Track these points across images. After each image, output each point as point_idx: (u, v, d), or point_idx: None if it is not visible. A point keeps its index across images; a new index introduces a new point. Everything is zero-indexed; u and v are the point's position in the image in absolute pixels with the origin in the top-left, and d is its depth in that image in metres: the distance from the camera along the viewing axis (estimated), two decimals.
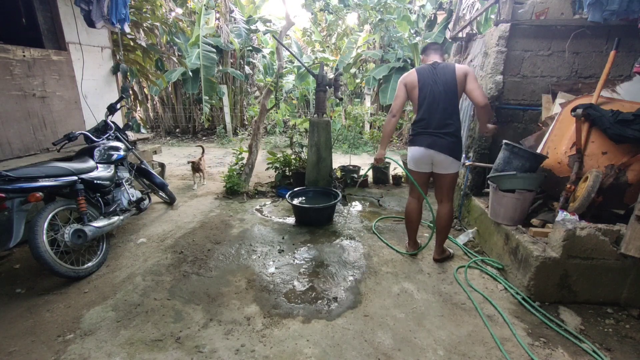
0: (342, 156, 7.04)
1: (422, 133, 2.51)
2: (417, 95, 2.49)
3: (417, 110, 2.54)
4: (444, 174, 2.59)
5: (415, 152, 2.57)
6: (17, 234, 2.22)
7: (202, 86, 7.84)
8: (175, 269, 2.65)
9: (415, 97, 2.52)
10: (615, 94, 2.85)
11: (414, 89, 2.50)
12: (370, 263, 2.79)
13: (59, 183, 2.44)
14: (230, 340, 1.93)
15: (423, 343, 1.92)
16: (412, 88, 2.51)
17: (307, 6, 8.48)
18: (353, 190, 3.31)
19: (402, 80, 2.54)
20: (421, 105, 2.50)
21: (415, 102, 2.54)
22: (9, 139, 3.17)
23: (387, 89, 7.73)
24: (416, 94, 2.50)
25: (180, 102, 9.35)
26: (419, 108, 2.52)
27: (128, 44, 4.73)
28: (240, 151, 4.82)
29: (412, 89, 2.51)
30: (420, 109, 2.51)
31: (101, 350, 1.83)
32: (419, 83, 2.49)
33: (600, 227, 2.14)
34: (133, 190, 3.26)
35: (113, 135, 3.28)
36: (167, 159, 6.28)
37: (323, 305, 2.24)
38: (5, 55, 3.08)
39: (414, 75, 2.50)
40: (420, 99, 2.50)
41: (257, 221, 3.62)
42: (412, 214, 2.83)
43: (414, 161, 2.63)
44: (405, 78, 2.53)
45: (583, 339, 1.94)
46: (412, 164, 2.65)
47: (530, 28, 3.32)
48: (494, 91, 3.37)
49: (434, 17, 7.52)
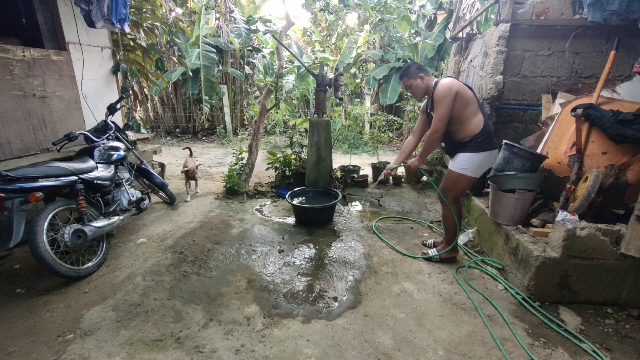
0: (342, 156, 7.04)
1: (491, 136, 2.52)
2: (476, 107, 2.47)
3: (469, 118, 2.45)
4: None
5: (492, 155, 2.54)
6: (17, 234, 2.23)
7: (202, 86, 7.85)
8: (175, 269, 2.65)
9: (472, 109, 2.46)
10: (615, 94, 2.85)
11: (471, 102, 2.45)
12: (370, 263, 2.79)
13: (59, 183, 2.44)
14: (230, 340, 1.93)
15: (423, 343, 1.92)
16: (467, 101, 2.43)
17: (307, 6, 8.47)
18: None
19: (450, 95, 2.37)
20: (482, 114, 2.50)
21: (470, 113, 2.45)
22: (9, 139, 3.17)
23: (387, 89, 7.72)
24: (474, 106, 2.46)
25: (180, 102, 9.35)
26: (478, 116, 2.48)
27: (128, 44, 4.73)
28: (240, 151, 4.81)
29: (468, 102, 2.43)
30: (479, 116, 2.47)
31: (101, 350, 1.83)
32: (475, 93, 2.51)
33: (600, 227, 2.14)
34: (133, 190, 3.26)
35: (113, 135, 3.28)
36: (167, 159, 6.28)
37: (323, 305, 2.24)
38: (5, 55, 3.08)
39: (465, 88, 2.45)
40: (481, 109, 2.51)
41: (257, 221, 3.62)
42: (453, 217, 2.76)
43: (484, 165, 2.56)
44: (456, 92, 2.38)
45: (583, 339, 1.94)
46: (478, 169, 2.55)
47: (530, 28, 3.32)
48: (494, 91, 3.37)
49: (434, 17, 7.52)
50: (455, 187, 2.64)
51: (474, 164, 2.51)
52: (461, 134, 2.49)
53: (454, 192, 2.67)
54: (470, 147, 2.48)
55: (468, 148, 2.49)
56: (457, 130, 2.50)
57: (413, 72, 2.55)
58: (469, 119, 2.44)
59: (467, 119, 2.44)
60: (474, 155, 2.48)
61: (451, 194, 2.67)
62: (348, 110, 8.40)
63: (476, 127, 2.44)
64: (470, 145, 2.47)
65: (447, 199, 2.68)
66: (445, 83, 2.41)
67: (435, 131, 2.45)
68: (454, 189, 2.65)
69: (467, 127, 2.46)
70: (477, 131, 2.44)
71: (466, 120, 2.45)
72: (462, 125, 2.46)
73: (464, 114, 2.44)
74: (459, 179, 2.58)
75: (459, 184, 2.61)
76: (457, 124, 2.47)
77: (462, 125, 2.46)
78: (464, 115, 2.44)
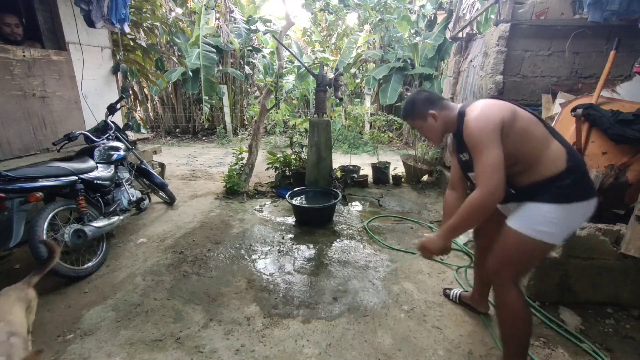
0: (342, 156, 7.04)
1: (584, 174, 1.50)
2: (544, 131, 1.52)
3: (539, 153, 1.48)
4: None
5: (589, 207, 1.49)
6: (17, 234, 2.23)
7: (202, 86, 7.84)
8: (175, 269, 2.65)
9: (539, 137, 1.50)
10: (615, 94, 2.85)
11: (533, 127, 1.50)
12: (370, 263, 2.78)
13: (59, 183, 2.44)
14: (230, 340, 1.93)
15: (423, 343, 1.92)
16: (527, 128, 1.49)
17: (307, 6, 8.48)
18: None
19: (492, 132, 1.41)
20: (559, 139, 1.55)
21: (536, 144, 1.49)
22: (9, 139, 3.16)
23: (387, 89, 7.73)
24: (540, 131, 1.51)
25: (180, 102, 9.34)
26: (553, 145, 1.51)
27: (128, 44, 4.73)
28: (240, 151, 4.81)
29: (529, 129, 1.49)
30: (554, 146, 1.51)
31: (101, 350, 1.83)
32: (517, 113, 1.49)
33: (600, 227, 2.14)
34: (133, 190, 3.26)
35: (113, 135, 3.28)
36: (167, 159, 6.28)
37: (323, 305, 2.24)
38: (5, 55, 3.08)
39: (515, 109, 1.50)
40: (553, 132, 1.56)
41: (257, 221, 3.62)
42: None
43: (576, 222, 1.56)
44: (501, 123, 1.43)
45: (583, 339, 1.94)
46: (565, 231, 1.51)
47: (530, 28, 3.32)
48: (494, 91, 3.37)
49: (434, 17, 7.53)
50: (521, 260, 1.58)
51: (560, 222, 1.46)
52: (530, 175, 1.50)
53: (517, 268, 1.60)
54: (552, 194, 1.45)
55: (547, 196, 1.46)
56: (521, 172, 1.51)
57: (419, 110, 1.68)
58: (537, 155, 1.48)
59: (533, 154, 1.48)
60: (560, 209, 1.45)
61: (511, 270, 1.58)
62: (348, 110, 8.40)
63: (555, 162, 1.47)
64: (552, 192, 1.45)
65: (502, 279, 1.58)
66: (478, 114, 1.47)
67: (488, 192, 1.40)
68: (518, 261, 1.57)
69: (539, 166, 1.48)
70: (560, 169, 1.46)
71: (533, 156, 1.48)
72: (528, 163, 1.49)
73: (525, 148, 1.47)
74: (530, 245, 1.50)
75: (528, 255, 1.55)
76: (518, 163, 1.49)
77: (528, 163, 1.49)
78: (526, 150, 1.47)
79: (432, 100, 1.67)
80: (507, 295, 1.58)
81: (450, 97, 4.98)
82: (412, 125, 1.79)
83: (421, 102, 1.67)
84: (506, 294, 1.58)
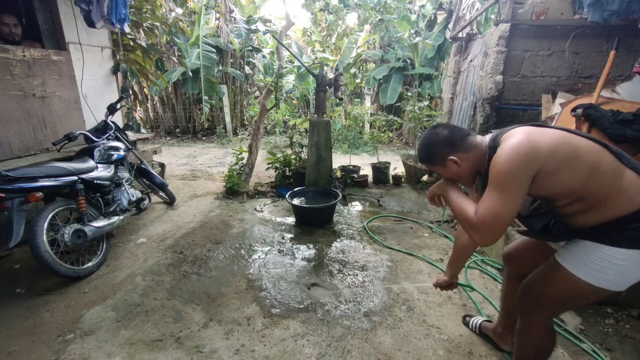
0: (342, 156, 7.04)
1: None
2: (613, 161, 1.21)
3: (608, 190, 1.18)
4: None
5: None
6: (17, 234, 2.23)
7: (202, 86, 7.85)
8: (175, 269, 2.65)
9: (608, 170, 1.18)
10: (615, 94, 2.85)
11: (595, 155, 1.19)
12: (370, 263, 2.79)
13: (59, 183, 2.44)
14: (230, 340, 1.93)
15: (423, 343, 1.92)
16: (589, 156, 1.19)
17: (307, 6, 8.49)
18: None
19: (525, 170, 1.14)
20: (630, 165, 1.22)
21: (605, 178, 1.18)
22: (9, 139, 3.17)
23: (387, 89, 7.73)
24: (609, 162, 1.20)
25: (180, 102, 9.35)
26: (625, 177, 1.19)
27: (128, 44, 4.73)
28: (240, 151, 4.82)
29: (592, 157, 1.19)
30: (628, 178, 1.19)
31: (101, 350, 1.83)
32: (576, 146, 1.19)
33: None
34: (133, 190, 3.26)
35: (113, 135, 3.28)
36: (167, 159, 6.28)
37: (323, 305, 2.24)
38: (5, 55, 3.08)
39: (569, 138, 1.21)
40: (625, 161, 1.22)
41: (257, 221, 3.62)
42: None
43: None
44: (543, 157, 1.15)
45: (583, 339, 1.94)
46: (628, 280, 1.23)
47: (530, 28, 3.32)
48: (494, 91, 3.37)
49: (434, 17, 7.54)
50: (569, 303, 1.40)
51: (630, 269, 1.21)
52: (597, 214, 1.21)
53: (559, 309, 1.43)
54: (625, 237, 1.17)
55: (618, 238, 1.18)
56: (582, 210, 1.23)
57: (437, 155, 1.36)
58: (606, 191, 1.18)
59: (601, 191, 1.18)
60: (629, 255, 1.18)
61: (552, 310, 1.39)
62: (348, 110, 8.41)
63: (633, 199, 1.17)
64: (625, 234, 1.17)
65: (536, 317, 1.38)
66: (512, 150, 1.15)
67: (481, 240, 1.22)
68: (564, 304, 1.39)
69: (609, 203, 1.19)
70: (638, 206, 1.16)
71: (601, 193, 1.18)
72: (597, 200, 1.19)
73: (591, 186, 1.18)
74: (585, 290, 1.26)
75: (580, 299, 1.31)
76: (579, 201, 1.21)
77: (597, 200, 1.19)
78: (590, 188, 1.18)
79: (453, 141, 1.32)
80: (536, 331, 1.38)
81: (450, 97, 4.98)
82: (432, 170, 1.51)
83: (439, 145, 1.35)
84: (536, 331, 1.38)
